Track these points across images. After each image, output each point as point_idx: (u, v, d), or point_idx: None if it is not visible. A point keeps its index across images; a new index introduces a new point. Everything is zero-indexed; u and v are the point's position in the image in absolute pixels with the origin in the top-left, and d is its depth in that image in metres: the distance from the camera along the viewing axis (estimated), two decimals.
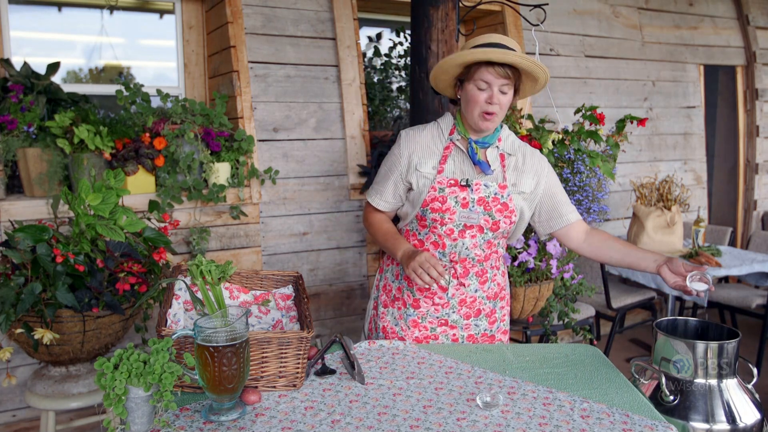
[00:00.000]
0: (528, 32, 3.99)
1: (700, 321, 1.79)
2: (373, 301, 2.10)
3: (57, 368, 2.14)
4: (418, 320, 1.95)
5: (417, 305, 1.95)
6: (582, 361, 1.72)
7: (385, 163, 1.98)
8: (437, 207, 1.86)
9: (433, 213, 1.86)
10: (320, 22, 3.42)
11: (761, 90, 5.05)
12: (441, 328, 1.95)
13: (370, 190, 2.01)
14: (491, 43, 1.79)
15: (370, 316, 2.10)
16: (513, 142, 1.96)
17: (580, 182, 2.83)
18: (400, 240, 1.89)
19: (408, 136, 1.94)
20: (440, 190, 1.86)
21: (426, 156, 1.90)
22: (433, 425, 1.35)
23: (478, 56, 1.75)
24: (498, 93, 1.79)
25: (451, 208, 1.85)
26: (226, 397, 1.37)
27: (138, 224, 2.05)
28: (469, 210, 1.85)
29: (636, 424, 1.36)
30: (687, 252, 3.70)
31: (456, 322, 1.96)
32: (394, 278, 2.02)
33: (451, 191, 1.85)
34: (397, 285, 2.00)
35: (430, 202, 1.86)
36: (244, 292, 1.92)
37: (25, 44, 3.16)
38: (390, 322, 2.00)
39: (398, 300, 1.99)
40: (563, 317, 2.90)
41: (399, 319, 1.98)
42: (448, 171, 1.88)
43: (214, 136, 2.96)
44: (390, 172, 1.95)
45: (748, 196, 5.13)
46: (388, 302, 2.02)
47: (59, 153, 2.66)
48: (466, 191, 1.86)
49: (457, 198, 1.85)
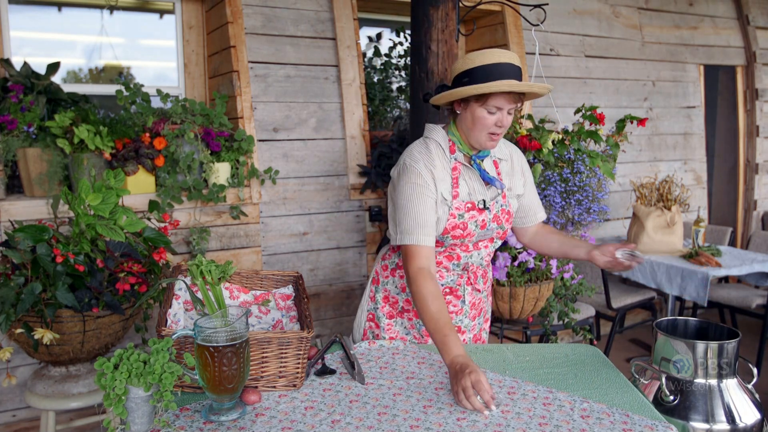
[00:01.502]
0: (528, 32, 3.99)
1: (700, 321, 1.79)
2: (367, 313, 2.02)
3: (57, 368, 2.14)
4: None
5: None
6: (582, 361, 1.72)
7: (412, 198, 1.77)
8: (459, 234, 1.82)
9: (453, 240, 1.83)
10: (320, 22, 3.42)
11: (761, 90, 5.05)
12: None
13: (404, 235, 1.76)
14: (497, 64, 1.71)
15: (365, 327, 2.02)
16: (500, 145, 1.94)
17: (580, 182, 2.83)
18: (451, 338, 1.59)
19: (424, 162, 1.80)
20: (460, 216, 1.81)
21: (443, 180, 1.81)
22: (433, 425, 1.35)
23: (503, 88, 1.69)
24: (506, 115, 1.76)
25: (472, 232, 1.84)
26: (226, 397, 1.37)
27: (138, 224, 2.05)
28: (486, 230, 1.86)
29: (636, 424, 1.36)
30: (687, 252, 3.70)
31: (467, 326, 1.97)
32: (399, 290, 1.97)
33: (471, 216, 1.82)
34: (404, 297, 1.96)
35: (451, 229, 1.81)
36: (244, 292, 1.92)
37: (25, 44, 3.16)
38: (400, 332, 1.97)
39: (408, 311, 1.97)
40: (563, 317, 2.90)
41: (411, 329, 1.97)
42: (463, 194, 1.82)
43: (214, 136, 2.96)
44: (425, 202, 1.77)
45: (748, 196, 5.13)
46: (394, 314, 1.98)
47: (59, 153, 2.66)
48: (484, 213, 1.84)
49: (477, 221, 1.83)
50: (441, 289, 1.82)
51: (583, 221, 2.92)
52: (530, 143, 2.86)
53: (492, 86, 1.68)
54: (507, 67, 1.71)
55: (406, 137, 3.41)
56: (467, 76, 1.73)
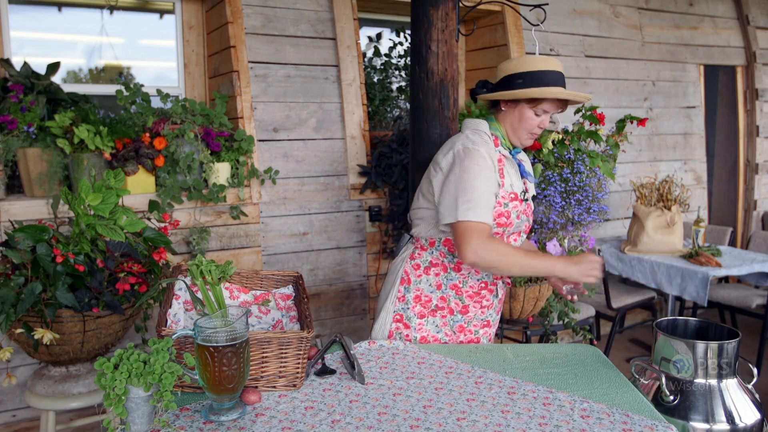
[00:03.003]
0: (528, 32, 3.99)
1: (700, 321, 1.79)
2: (394, 314, 2.00)
3: (57, 368, 2.14)
4: (464, 325, 1.98)
5: (466, 311, 1.98)
6: (582, 361, 1.72)
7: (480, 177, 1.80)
8: (503, 222, 1.88)
9: (497, 228, 1.88)
10: (320, 22, 3.42)
11: (761, 90, 5.05)
12: (483, 330, 2.01)
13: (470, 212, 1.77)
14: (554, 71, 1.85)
15: (391, 329, 1.99)
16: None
17: (580, 182, 2.83)
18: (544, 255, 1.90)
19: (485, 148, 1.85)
20: (505, 205, 1.88)
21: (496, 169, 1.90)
22: (433, 425, 1.35)
23: (560, 95, 1.83)
24: (547, 118, 1.91)
25: (513, 222, 1.90)
26: (226, 397, 1.37)
27: (138, 224, 2.05)
28: (521, 220, 1.94)
29: (636, 424, 1.36)
30: (687, 252, 3.70)
31: (495, 320, 2.05)
32: (434, 288, 1.97)
33: (514, 206, 1.90)
34: (439, 295, 1.97)
35: (497, 217, 1.86)
36: (244, 292, 1.92)
37: (25, 44, 3.16)
38: (431, 330, 1.98)
39: (442, 309, 1.98)
40: (563, 317, 2.90)
41: (443, 326, 1.98)
42: (507, 184, 1.90)
43: (214, 136, 2.96)
44: (490, 183, 1.81)
45: (748, 196, 5.13)
46: (425, 312, 1.98)
47: (59, 153, 2.66)
48: (523, 204, 1.93)
49: (518, 211, 1.91)
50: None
51: (583, 221, 2.92)
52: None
53: (549, 92, 1.82)
54: (558, 75, 1.86)
55: (405, 137, 3.40)
56: (521, 78, 1.84)
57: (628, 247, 3.84)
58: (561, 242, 2.90)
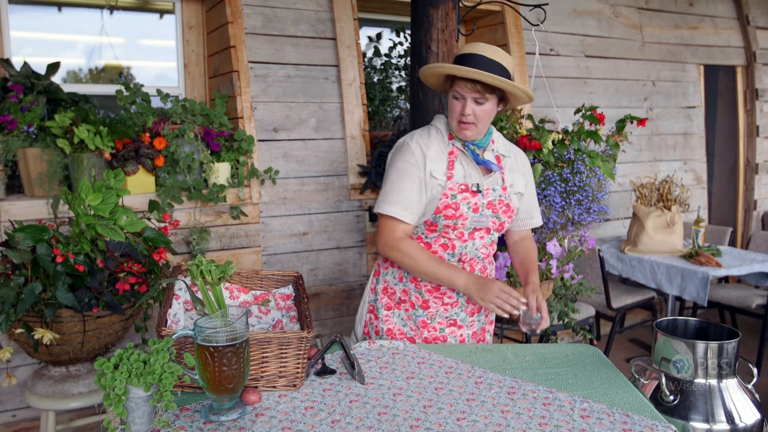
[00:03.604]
0: (528, 32, 3.99)
1: (700, 321, 1.79)
2: (368, 305, 2.06)
3: (57, 368, 2.14)
4: (427, 321, 1.96)
5: (426, 306, 1.96)
6: (582, 361, 1.72)
7: (401, 173, 1.86)
8: (450, 214, 1.86)
9: (446, 220, 1.86)
10: (320, 22, 3.42)
11: (761, 90, 5.05)
12: (449, 329, 1.97)
13: (385, 204, 1.86)
14: (472, 54, 1.78)
15: (366, 320, 2.07)
16: (504, 143, 2.01)
17: (580, 182, 2.82)
18: (455, 268, 1.85)
19: (419, 143, 1.89)
20: (452, 197, 1.85)
21: (437, 161, 1.87)
22: (433, 425, 1.35)
23: (446, 71, 1.80)
24: (471, 104, 1.79)
25: (464, 214, 1.87)
26: (226, 397, 1.37)
27: (138, 224, 2.05)
28: (480, 214, 1.89)
29: (636, 424, 1.36)
30: (687, 252, 3.70)
31: (463, 320, 1.98)
32: (397, 281, 2.00)
33: (463, 197, 1.86)
34: (401, 287, 1.98)
35: (443, 209, 1.85)
36: (244, 292, 1.92)
37: (25, 44, 3.16)
38: (397, 323, 1.99)
39: (404, 302, 1.98)
40: (563, 317, 2.90)
41: (407, 320, 1.98)
42: (457, 176, 1.88)
43: (214, 136, 2.96)
44: (412, 180, 1.85)
45: (748, 196, 5.13)
46: (391, 305, 2.00)
47: (59, 153, 2.66)
48: (477, 196, 1.88)
49: (469, 203, 1.87)
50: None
51: (583, 221, 2.92)
52: (530, 143, 2.86)
53: (443, 66, 1.80)
54: (484, 59, 1.76)
55: None
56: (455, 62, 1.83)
57: (628, 247, 3.84)
58: (561, 242, 2.90)
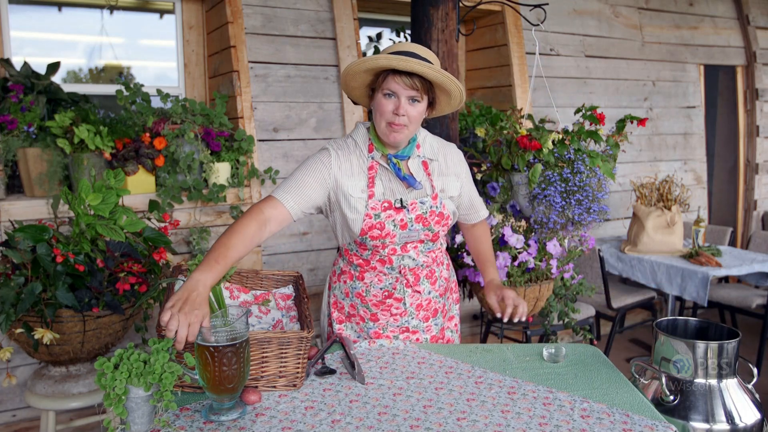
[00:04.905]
0: (528, 32, 3.99)
1: (700, 321, 1.79)
2: (326, 318, 2.02)
3: (57, 368, 2.14)
4: (379, 331, 1.90)
5: (375, 318, 1.89)
6: (582, 361, 1.72)
7: (309, 170, 1.75)
8: (376, 234, 1.76)
9: (373, 240, 1.77)
10: (320, 22, 3.42)
11: (761, 90, 5.05)
12: (403, 335, 1.90)
13: (280, 190, 1.73)
14: (403, 51, 1.67)
15: (327, 332, 2.02)
16: (431, 144, 1.87)
17: (580, 182, 2.82)
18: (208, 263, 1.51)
19: (338, 156, 1.77)
20: (376, 216, 1.74)
21: (354, 179, 1.76)
22: (433, 425, 1.35)
23: (381, 63, 1.63)
24: (406, 103, 1.67)
25: (391, 232, 1.76)
26: (226, 397, 1.37)
27: (138, 224, 2.05)
28: (409, 230, 1.78)
29: (636, 424, 1.36)
30: (687, 252, 3.70)
31: (417, 326, 1.91)
32: (344, 295, 1.93)
33: (387, 215, 1.75)
34: (349, 302, 1.92)
35: (368, 230, 1.75)
36: (244, 292, 1.92)
37: (25, 44, 3.16)
38: (352, 335, 1.94)
39: (354, 316, 1.93)
40: (563, 317, 2.90)
41: (360, 332, 1.93)
42: (378, 193, 1.76)
43: (214, 136, 2.96)
44: (315, 180, 1.74)
45: (748, 196, 5.13)
46: (343, 318, 1.95)
47: (59, 153, 2.66)
48: (402, 212, 1.76)
49: (395, 221, 1.76)
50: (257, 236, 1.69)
51: (583, 221, 2.92)
52: (530, 143, 2.85)
53: (376, 58, 1.63)
54: (419, 57, 1.66)
55: None
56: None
57: (628, 247, 3.84)
58: (561, 242, 2.90)
